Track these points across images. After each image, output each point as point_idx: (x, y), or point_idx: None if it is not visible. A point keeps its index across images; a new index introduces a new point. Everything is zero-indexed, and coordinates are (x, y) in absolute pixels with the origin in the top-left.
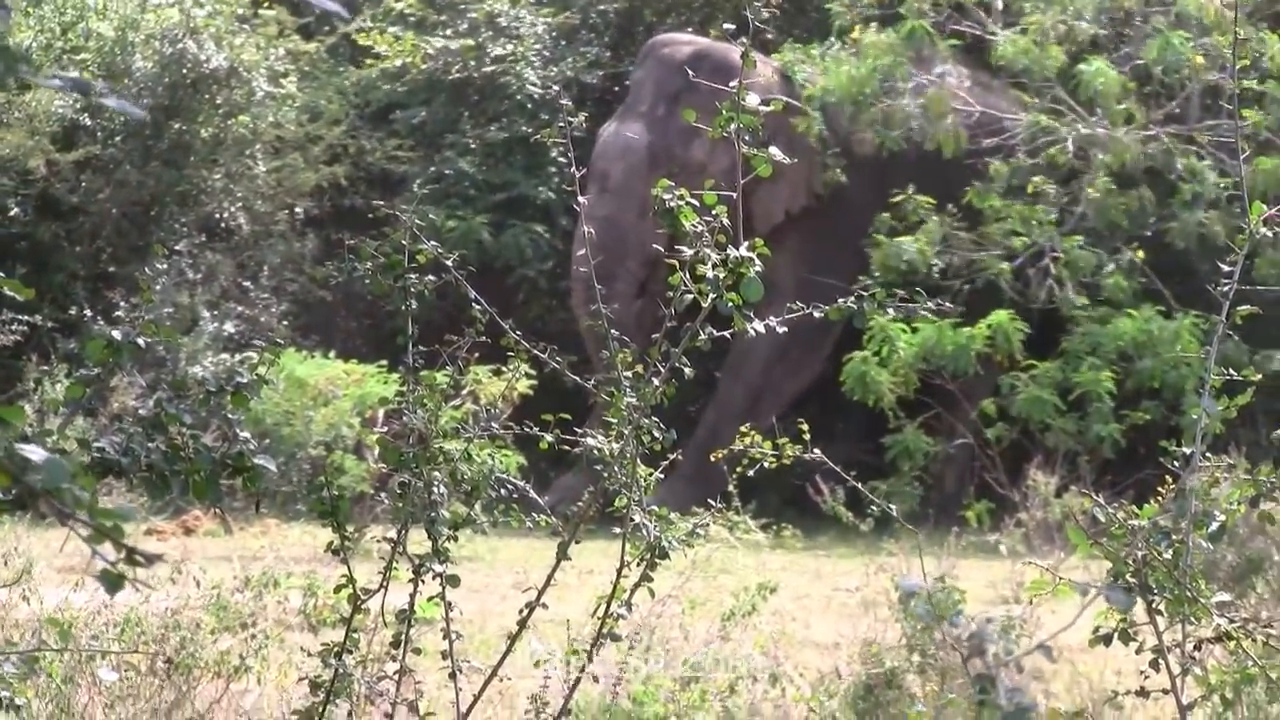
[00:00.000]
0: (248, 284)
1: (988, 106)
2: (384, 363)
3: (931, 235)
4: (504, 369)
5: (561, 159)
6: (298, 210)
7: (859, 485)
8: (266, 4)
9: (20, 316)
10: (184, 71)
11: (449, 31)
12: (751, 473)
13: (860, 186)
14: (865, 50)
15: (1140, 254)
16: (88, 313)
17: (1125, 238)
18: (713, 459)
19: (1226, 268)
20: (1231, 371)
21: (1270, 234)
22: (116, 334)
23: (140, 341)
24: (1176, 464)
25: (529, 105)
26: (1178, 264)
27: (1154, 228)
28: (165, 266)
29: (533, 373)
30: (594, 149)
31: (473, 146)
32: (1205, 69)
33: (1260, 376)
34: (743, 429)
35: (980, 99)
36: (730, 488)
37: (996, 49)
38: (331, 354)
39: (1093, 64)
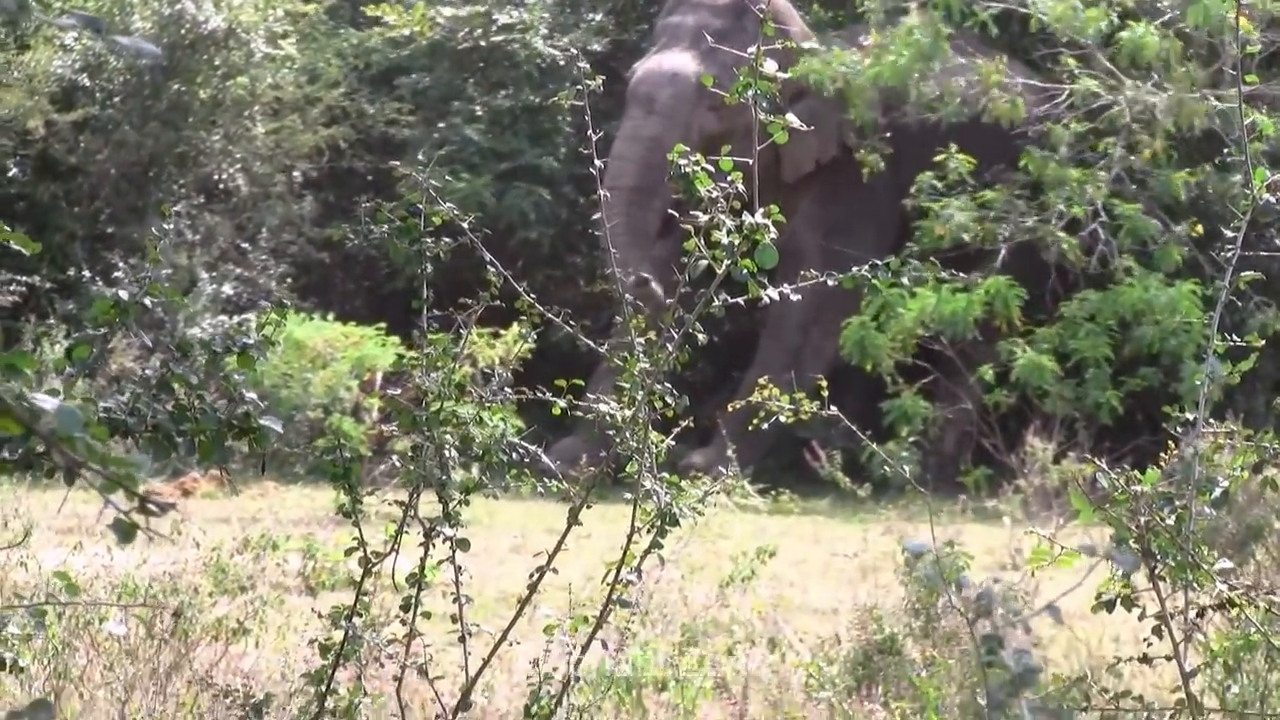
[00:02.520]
0: (246, 246)
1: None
2: (382, 325)
3: (993, 203)
4: (501, 333)
5: (568, 126)
6: (296, 172)
7: (876, 447)
8: None
9: (19, 277)
10: (182, 32)
11: None
12: (766, 426)
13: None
14: (907, 29)
15: (1199, 228)
16: (86, 273)
17: (1182, 209)
18: (729, 409)
19: (1230, 233)
20: (1234, 337)
21: (1274, 200)
22: (123, 294)
23: (146, 302)
24: (1179, 429)
25: (535, 74)
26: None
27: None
28: (170, 227)
29: (533, 336)
30: (634, 78)
31: (479, 114)
32: (1248, 31)
33: (1264, 342)
34: (760, 381)
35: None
36: (730, 452)
37: (1034, 14)
38: (330, 316)
39: (1137, 29)
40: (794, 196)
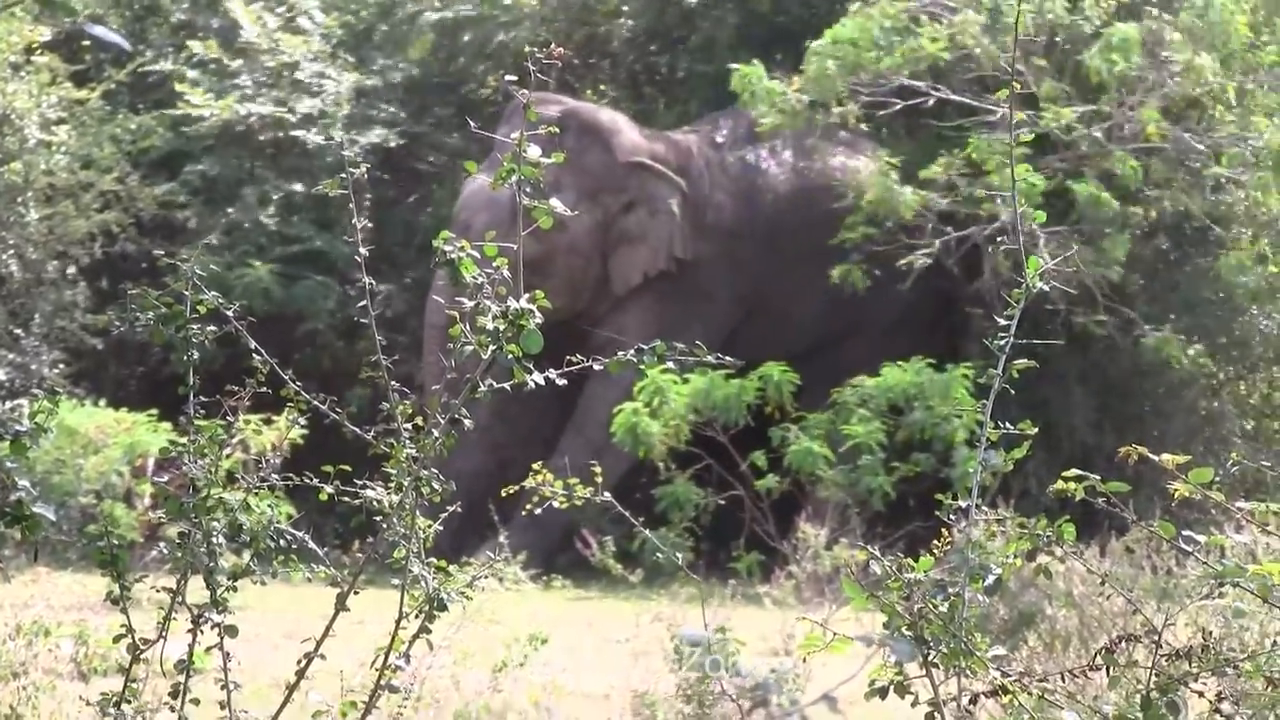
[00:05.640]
0: (19, 332)
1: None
2: (155, 411)
3: (936, 176)
4: (274, 418)
5: (346, 212)
6: (70, 258)
7: (648, 533)
8: (40, 51)
9: None
10: None
11: (248, 80)
12: (540, 510)
13: (712, 254)
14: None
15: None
16: None
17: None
18: (504, 494)
19: (1003, 320)
20: (1007, 424)
21: (1046, 288)
22: None
23: None
24: (951, 516)
25: (326, 161)
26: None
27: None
28: None
29: (304, 423)
30: (459, 201)
31: (274, 198)
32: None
33: (1037, 430)
34: (535, 466)
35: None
36: (502, 538)
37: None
38: (102, 402)
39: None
40: (627, 301)
